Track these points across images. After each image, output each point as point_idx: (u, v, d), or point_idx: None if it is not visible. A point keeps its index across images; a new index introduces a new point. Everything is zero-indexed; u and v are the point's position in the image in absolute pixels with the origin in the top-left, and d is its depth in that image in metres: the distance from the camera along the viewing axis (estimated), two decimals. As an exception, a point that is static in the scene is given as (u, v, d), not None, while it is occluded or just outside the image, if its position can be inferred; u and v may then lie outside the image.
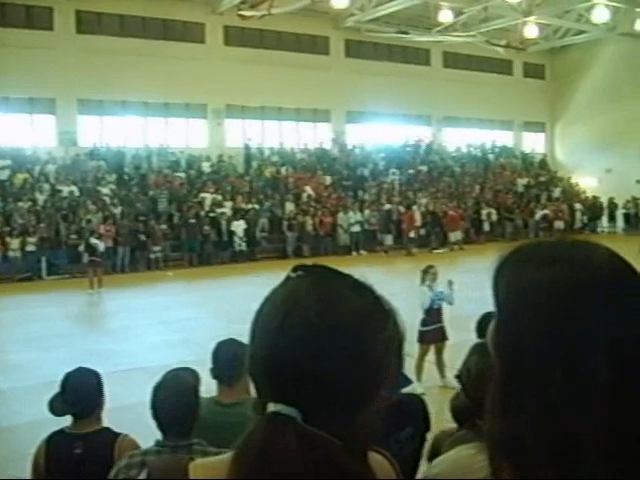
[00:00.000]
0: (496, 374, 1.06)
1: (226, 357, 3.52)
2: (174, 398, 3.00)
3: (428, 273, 9.31)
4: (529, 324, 1.00)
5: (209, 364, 3.63)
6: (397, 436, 3.40)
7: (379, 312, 1.13)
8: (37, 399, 8.19)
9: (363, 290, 1.14)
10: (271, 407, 1.07)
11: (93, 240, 19.28)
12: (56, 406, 3.47)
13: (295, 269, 1.16)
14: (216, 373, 3.62)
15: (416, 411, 3.69)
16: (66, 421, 3.56)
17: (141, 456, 2.84)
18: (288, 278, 1.15)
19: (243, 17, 26.80)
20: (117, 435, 3.49)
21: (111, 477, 2.82)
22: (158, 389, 3.05)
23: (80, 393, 3.47)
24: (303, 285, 1.12)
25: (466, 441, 1.14)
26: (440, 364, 9.22)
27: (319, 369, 1.04)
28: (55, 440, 3.49)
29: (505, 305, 1.06)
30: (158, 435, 3.03)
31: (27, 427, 7.19)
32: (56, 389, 3.53)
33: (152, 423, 3.04)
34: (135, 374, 9.78)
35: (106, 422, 3.62)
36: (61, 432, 3.51)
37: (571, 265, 1.01)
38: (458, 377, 3.15)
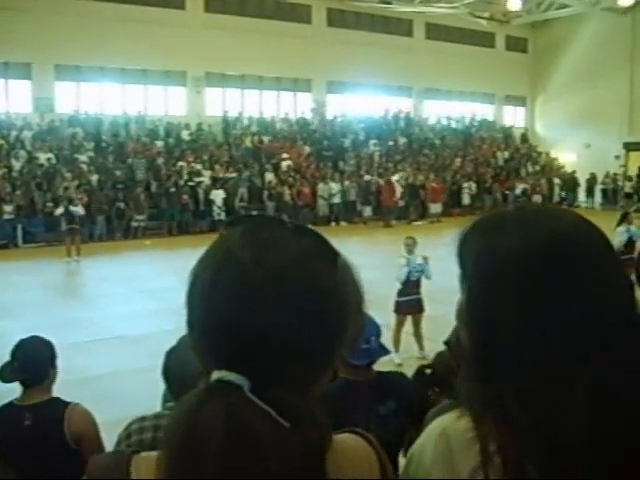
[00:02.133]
0: (469, 345, 1.06)
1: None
2: (187, 361, 2.93)
3: (407, 245, 9.30)
4: (499, 294, 1.00)
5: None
6: (378, 411, 3.37)
7: (324, 255, 0.99)
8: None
9: (304, 234, 1.01)
10: (214, 375, 0.95)
11: (72, 207, 19.04)
12: (5, 373, 3.40)
13: (227, 224, 1.05)
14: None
15: (398, 385, 3.62)
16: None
17: (154, 419, 2.77)
18: (220, 235, 1.04)
19: (224, -17, 26.42)
20: (67, 404, 3.40)
21: (122, 438, 2.75)
22: (171, 353, 3.00)
23: (30, 360, 3.38)
24: (234, 235, 1.00)
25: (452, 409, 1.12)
26: (418, 336, 9.26)
27: (262, 324, 0.92)
28: (4, 412, 3.40)
29: (474, 277, 1.06)
30: (134, 404, 2.99)
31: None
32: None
33: (125, 392, 3.00)
34: (113, 342, 9.74)
35: (80, 391, 3.57)
36: (10, 404, 3.41)
37: (521, 232, 1.02)
38: (447, 343, 3.17)
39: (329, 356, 1.00)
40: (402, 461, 3.19)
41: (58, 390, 3.55)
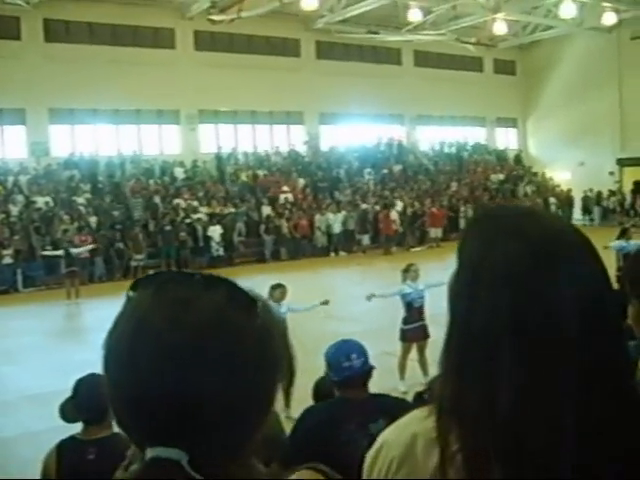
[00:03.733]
0: (448, 339, 1.06)
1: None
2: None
3: (409, 272, 9.31)
4: (484, 296, 1.01)
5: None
6: (368, 428, 3.41)
7: (239, 305, 0.93)
8: (15, 413, 8.09)
9: (215, 285, 0.94)
10: (148, 453, 0.88)
11: (74, 250, 19.13)
12: (68, 412, 3.44)
13: (133, 286, 0.97)
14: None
15: (390, 406, 3.68)
16: (48, 434, 3.49)
17: None
18: (128, 298, 0.97)
19: (213, 21, 26.68)
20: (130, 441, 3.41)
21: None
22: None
23: (92, 399, 3.39)
24: (145, 300, 0.93)
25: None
26: (423, 362, 9.24)
27: (187, 393, 0.87)
28: (66, 447, 3.45)
29: (462, 274, 1.07)
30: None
31: (9, 441, 7.08)
32: (34, 402, 3.49)
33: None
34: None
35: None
36: (72, 439, 3.47)
37: (525, 238, 1.02)
38: None
39: (264, 407, 0.96)
40: None
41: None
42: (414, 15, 29.10)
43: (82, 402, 3.42)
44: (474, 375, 0.99)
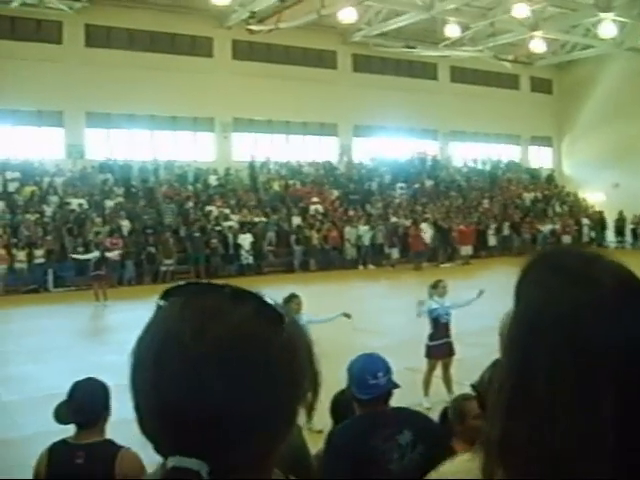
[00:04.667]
0: (502, 377, 1.03)
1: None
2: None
3: (437, 287, 9.25)
4: (547, 339, 0.96)
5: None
6: (397, 440, 3.43)
7: (266, 319, 0.94)
8: (38, 411, 8.17)
9: (243, 298, 0.95)
10: (169, 462, 0.88)
11: (107, 254, 19.52)
12: (61, 413, 3.47)
13: (163, 295, 0.98)
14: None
15: (412, 417, 3.70)
16: (69, 432, 3.53)
17: None
18: (158, 307, 0.98)
19: (251, 31, 26.93)
20: (119, 448, 3.46)
21: None
22: None
23: (86, 403, 3.47)
24: (174, 310, 0.94)
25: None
26: (447, 379, 9.15)
27: (212, 405, 0.87)
28: (57, 450, 3.48)
29: (523, 315, 1.01)
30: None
31: (28, 439, 7.15)
32: (57, 401, 3.52)
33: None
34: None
35: (109, 435, 3.60)
36: (63, 442, 3.49)
37: (591, 284, 0.97)
38: (473, 386, 3.19)
39: (287, 421, 0.96)
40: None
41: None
42: (452, 31, 29.09)
43: (76, 405, 3.45)
44: (525, 416, 0.96)
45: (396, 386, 3.72)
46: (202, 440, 0.88)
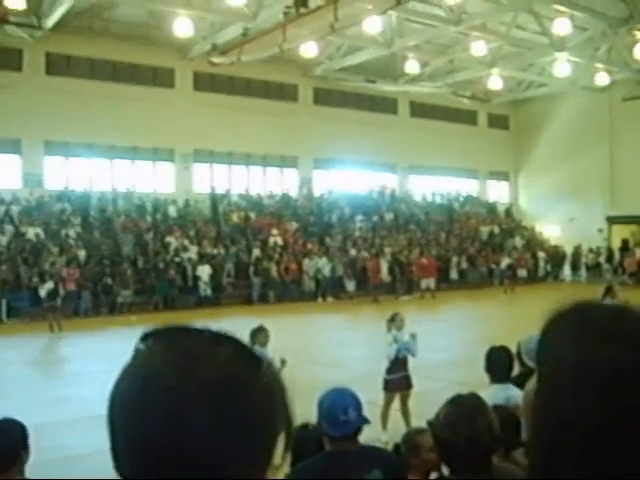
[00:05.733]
0: (531, 465, 0.97)
1: None
2: None
3: (394, 321, 9.26)
4: (579, 405, 0.89)
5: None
6: (367, 478, 3.41)
7: (246, 360, 0.97)
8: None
9: (223, 341, 0.98)
10: None
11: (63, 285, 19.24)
12: None
13: (143, 338, 0.99)
14: None
15: (382, 456, 3.68)
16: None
17: None
18: (137, 351, 0.99)
19: (213, 63, 27.05)
20: None
21: None
22: None
23: (1, 445, 3.30)
24: (156, 352, 0.96)
25: None
26: (405, 412, 9.14)
27: (197, 443, 0.89)
28: None
29: (549, 382, 0.95)
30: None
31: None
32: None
33: (110, 471, 2.95)
34: (98, 421, 9.54)
35: (57, 473, 3.49)
36: None
37: (632, 344, 0.90)
38: (430, 423, 3.22)
39: (266, 460, 0.97)
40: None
41: (44, 467, 3.48)
42: (411, 67, 29.58)
43: None
44: None
45: (366, 421, 3.69)
46: (185, 475, 0.89)
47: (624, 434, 0.86)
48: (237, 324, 1.07)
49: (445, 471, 3.03)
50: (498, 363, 5.40)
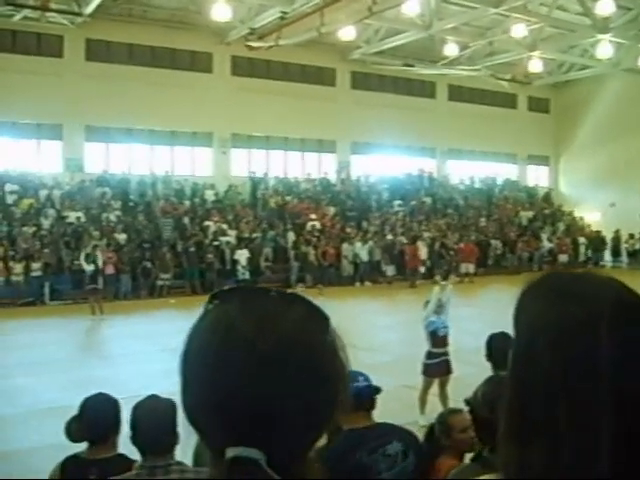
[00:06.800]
0: (508, 403, 1.06)
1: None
2: (152, 417, 3.07)
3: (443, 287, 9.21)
4: (540, 359, 1.00)
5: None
6: (385, 450, 3.40)
7: (317, 321, 1.03)
8: (34, 425, 8.15)
9: (295, 302, 1.04)
10: (230, 452, 0.94)
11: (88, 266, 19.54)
12: (73, 431, 3.47)
13: (212, 298, 1.05)
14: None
15: (399, 429, 3.68)
16: (64, 446, 3.52)
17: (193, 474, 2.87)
18: (207, 310, 1.04)
19: (251, 48, 27.08)
20: (132, 462, 3.42)
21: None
22: (136, 409, 3.07)
23: (97, 419, 3.46)
24: (231, 309, 1.00)
25: (473, 472, 1.14)
26: (443, 397, 9.11)
27: (273, 397, 0.94)
28: (69, 465, 3.47)
29: (520, 338, 1.06)
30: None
31: (24, 453, 7.12)
32: (52, 415, 3.52)
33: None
34: (132, 402, 9.73)
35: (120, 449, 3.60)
36: (75, 457, 3.49)
37: (581, 301, 1.01)
38: (467, 401, 3.25)
39: (330, 415, 1.02)
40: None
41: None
42: (450, 49, 29.28)
43: (88, 421, 3.44)
44: (536, 439, 1.00)
45: (378, 390, 3.67)
46: (261, 431, 0.94)
47: (569, 379, 0.98)
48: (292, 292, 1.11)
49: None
50: (499, 350, 5.30)
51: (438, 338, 9.06)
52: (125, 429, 3.40)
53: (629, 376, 0.96)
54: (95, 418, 3.45)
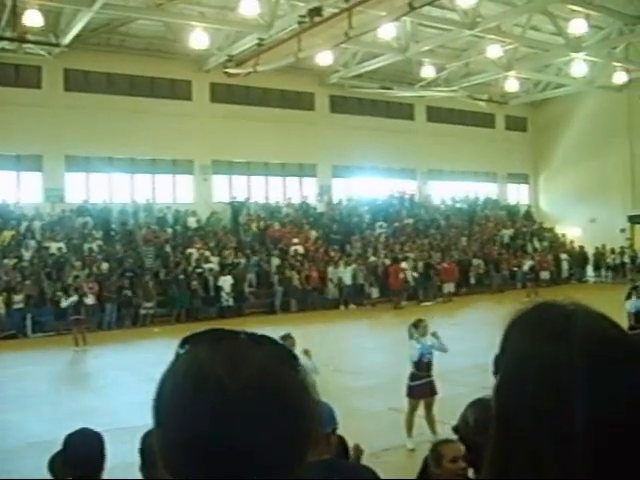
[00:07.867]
0: (493, 430, 1.08)
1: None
2: None
3: (418, 327, 9.26)
4: (527, 396, 1.02)
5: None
6: None
7: (285, 360, 1.04)
8: (18, 461, 8.02)
9: (259, 341, 1.05)
10: None
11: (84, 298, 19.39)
12: (57, 468, 3.35)
13: (183, 342, 1.06)
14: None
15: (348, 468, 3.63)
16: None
17: None
18: (178, 354, 1.06)
19: (229, 74, 27.18)
20: None
21: None
22: (147, 437, 2.95)
23: (83, 456, 3.33)
24: (202, 352, 1.02)
25: None
26: (430, 419, 9.10)
27: (245, 438, 0.94)
28: None
29: (506, 369, 1.08)
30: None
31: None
32: (39, 449, 3.46)
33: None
34: (120, 433, 9.59)
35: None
36: None
37: (570, 342, 1.02)
38: (455, 429, 3.22)
39: (303, 451, 1.02)
40: None
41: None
42: (427, 71, 29.59)
43: (73, 459, 3.31)
44: (518, 472, 1.01)
45: (334, 428, 3.62)
46: (232, 469, 0.94)
47: (561, 413, 0.99)
48: (261, 333, 1.11)
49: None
50: None
51: (422, 364, 9.09)
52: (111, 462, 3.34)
53: (612, 414, 0.98)
54: (81, 455, 3.33)
